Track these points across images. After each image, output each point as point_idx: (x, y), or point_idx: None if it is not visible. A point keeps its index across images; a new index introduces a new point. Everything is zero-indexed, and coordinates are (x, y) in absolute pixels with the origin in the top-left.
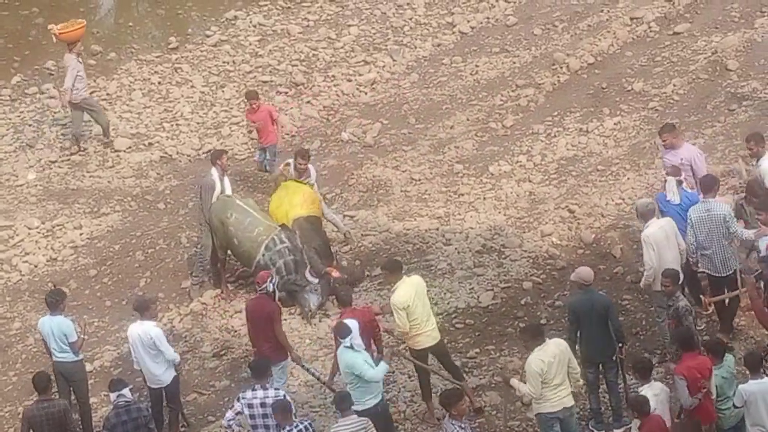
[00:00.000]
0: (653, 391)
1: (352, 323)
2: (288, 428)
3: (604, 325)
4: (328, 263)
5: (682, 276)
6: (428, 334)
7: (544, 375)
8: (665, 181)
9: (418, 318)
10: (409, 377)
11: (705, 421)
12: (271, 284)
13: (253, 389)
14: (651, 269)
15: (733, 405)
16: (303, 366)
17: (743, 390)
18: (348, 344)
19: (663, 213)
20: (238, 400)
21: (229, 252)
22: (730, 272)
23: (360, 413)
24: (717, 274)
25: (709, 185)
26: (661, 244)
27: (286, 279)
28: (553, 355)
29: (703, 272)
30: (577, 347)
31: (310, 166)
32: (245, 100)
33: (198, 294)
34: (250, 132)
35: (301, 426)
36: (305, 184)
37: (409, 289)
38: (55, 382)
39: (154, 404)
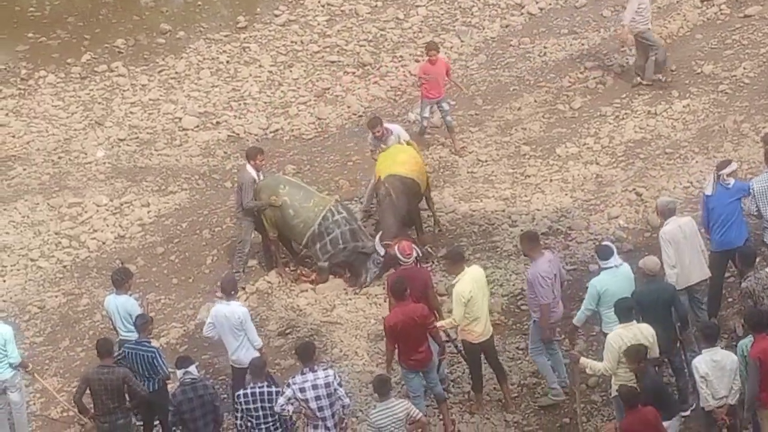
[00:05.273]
0: (714, 357)
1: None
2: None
3: (669, 314)
4: (396, 237)
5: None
6: (485, 328)
7: (621, 353)
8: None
9: (476, 311)
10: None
11: None
12: (417, 251)
13: (302, 373)
14: (673, 269)
15: None
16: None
17: None
18: (613, 264)
19: (709, 209)
20: (289, 386)
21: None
22: None
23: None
24: None
25: None
26: (680, 243)
27: (343, 247)
28: (635, 337)
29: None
30: None
31: (388, 126)
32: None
33: (246, 282)
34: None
35: (272, 387)
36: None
37: (471, 283)
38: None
39: (236, 383)
